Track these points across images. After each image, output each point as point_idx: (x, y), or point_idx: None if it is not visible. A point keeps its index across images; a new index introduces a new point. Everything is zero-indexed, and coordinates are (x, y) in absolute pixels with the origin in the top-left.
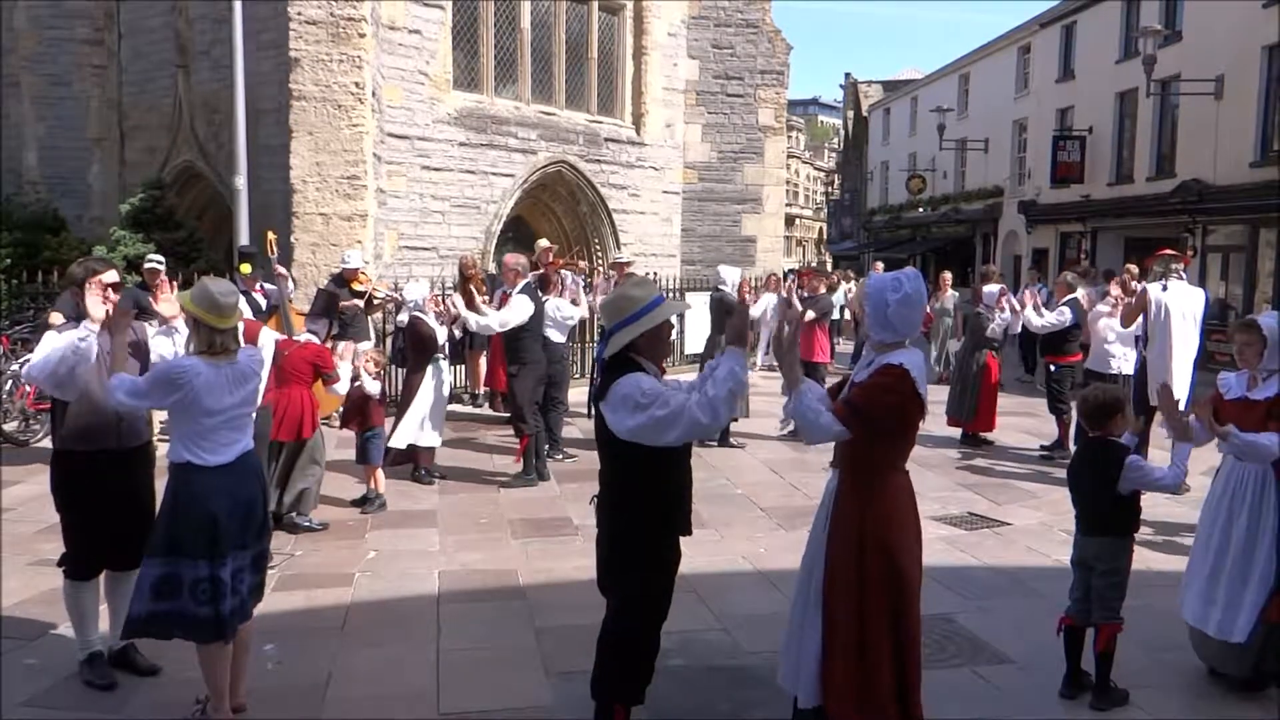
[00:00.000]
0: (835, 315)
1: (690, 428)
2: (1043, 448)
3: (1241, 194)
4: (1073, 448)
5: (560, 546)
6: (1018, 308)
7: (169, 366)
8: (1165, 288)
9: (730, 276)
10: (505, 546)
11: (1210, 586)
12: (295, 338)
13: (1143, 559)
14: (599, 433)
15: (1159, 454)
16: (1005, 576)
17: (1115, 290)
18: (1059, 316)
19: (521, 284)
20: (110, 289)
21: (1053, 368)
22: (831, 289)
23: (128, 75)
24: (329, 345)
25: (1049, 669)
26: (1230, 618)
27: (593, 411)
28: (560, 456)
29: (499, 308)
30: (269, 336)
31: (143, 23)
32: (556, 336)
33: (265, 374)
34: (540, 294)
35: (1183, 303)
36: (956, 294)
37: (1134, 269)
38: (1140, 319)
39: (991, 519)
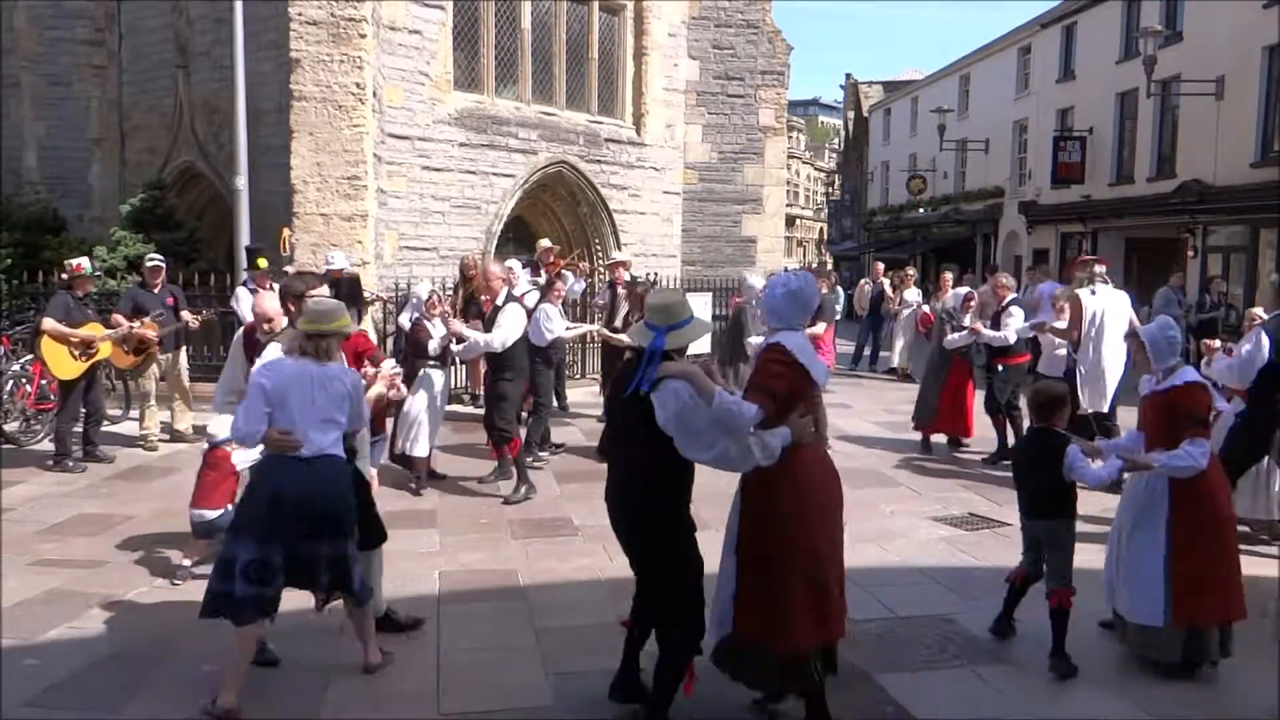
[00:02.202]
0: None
1: (736, 458)
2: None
3: (1242, 194)
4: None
5: (560, 546)
6: (979, 328)
7: (255, 369)
8: (1094, 293)
9: (760, 285)
10: (505, 546)
11: (1123, 575)
12: None
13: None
14: (633, 415)
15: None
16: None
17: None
18: (1015, 322)
19: (504, 293)
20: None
21: (1000, 368)
22: (831, 288)
23: (128, 75)
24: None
25: (1048, 670)
26: (1142, 604)
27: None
28: (549, 451)
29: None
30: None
31: (143, 23)
32: (539, 342)
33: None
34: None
35: (1114, 307)
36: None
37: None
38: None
39: (991, 519)
